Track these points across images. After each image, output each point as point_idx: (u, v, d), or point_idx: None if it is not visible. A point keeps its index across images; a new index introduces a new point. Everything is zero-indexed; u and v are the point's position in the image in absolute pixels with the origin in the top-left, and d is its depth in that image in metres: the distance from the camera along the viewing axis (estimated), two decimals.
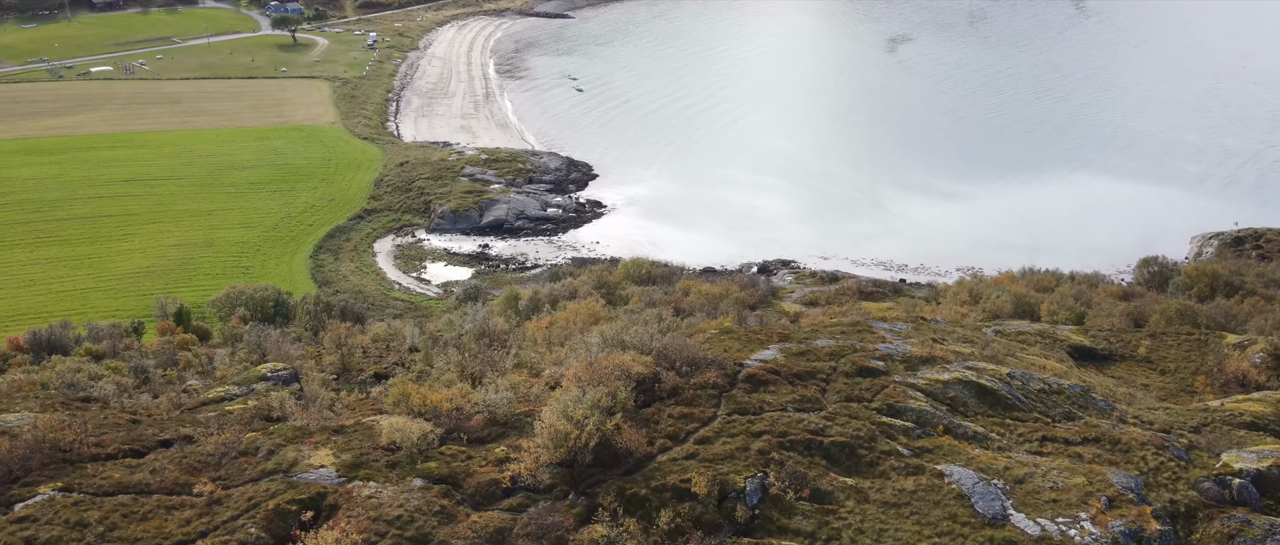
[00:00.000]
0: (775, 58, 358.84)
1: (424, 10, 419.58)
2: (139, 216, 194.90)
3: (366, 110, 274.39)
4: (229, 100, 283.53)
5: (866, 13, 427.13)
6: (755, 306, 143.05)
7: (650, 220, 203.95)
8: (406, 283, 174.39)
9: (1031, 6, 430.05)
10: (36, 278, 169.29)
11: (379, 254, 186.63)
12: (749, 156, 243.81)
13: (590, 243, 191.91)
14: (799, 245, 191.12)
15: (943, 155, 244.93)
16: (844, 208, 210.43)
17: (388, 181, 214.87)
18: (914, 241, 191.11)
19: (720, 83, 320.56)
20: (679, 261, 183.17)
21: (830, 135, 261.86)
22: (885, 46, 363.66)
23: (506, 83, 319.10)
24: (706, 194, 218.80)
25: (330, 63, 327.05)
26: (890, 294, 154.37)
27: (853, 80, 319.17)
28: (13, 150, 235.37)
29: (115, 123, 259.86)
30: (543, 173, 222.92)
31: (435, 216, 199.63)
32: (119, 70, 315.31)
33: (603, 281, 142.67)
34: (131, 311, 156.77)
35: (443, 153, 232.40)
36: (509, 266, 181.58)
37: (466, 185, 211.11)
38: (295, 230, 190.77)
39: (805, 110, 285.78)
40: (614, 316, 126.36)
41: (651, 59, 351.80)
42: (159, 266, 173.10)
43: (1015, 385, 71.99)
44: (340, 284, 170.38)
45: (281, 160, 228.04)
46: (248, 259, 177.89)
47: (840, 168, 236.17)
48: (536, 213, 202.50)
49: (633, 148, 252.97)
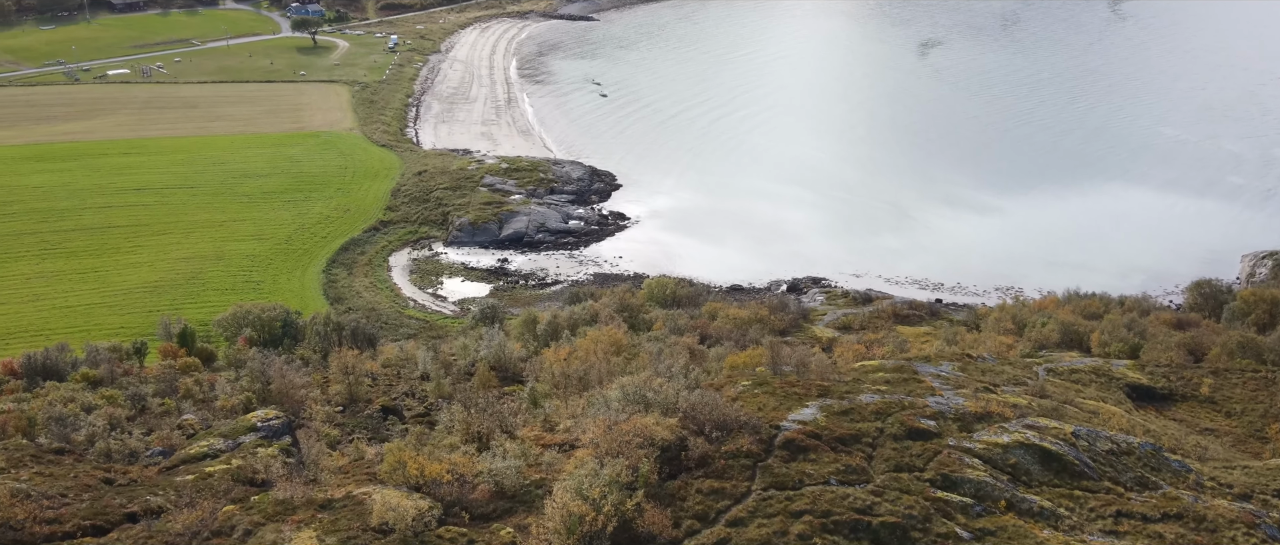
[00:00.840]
0: (802, 61, 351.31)
1: (447, 12, 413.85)
2: (149, 227, 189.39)
3: (385, 116, 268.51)
4: (246, 105, 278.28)
5: (896, 15, 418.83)
6: (786, 331, 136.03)
7: (675, 233, 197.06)
8: (422, 299, 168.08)
9: (1066, 9, 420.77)
10: (41, 292, 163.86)
11: (394, 268, 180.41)
12: (776, 165, 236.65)
13: (613, 257, 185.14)
14: (829, 261, 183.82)
15: (976, 165, 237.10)
16: (875, 221, 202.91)
17: (405, 191, 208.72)
18: (949, 258, 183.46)
19: (745, 87, 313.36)
20: (705, 278, 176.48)
21: (860, 143, 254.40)
22: (916, 50, 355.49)
23: (529, 87, 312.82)
24: (733, 205, 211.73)
25: (350, 66, 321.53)
26: (927, 317, 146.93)
27: (882, 85, 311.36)
28: (24, 156, 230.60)
29: (129, 128, 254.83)
30: (565, 183, 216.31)
31: (453, 229, 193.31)
32: (136, 73, 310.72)
33: (625, 304, 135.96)
34: (136, 329, 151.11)
35: (462, 161, 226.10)
36: (528, 282, 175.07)
37: (486, 196, 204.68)
38: (308, 243, 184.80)
39: (833, 117, 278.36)
40: (636, 345, 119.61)
41: (676, 62, 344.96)
42: (167, 281, 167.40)
43: (1081, 447, 64.76)
44: (353, 301, 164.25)
45: (297, 168, 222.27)
46: (258, 273, 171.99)
47: (871, 178, 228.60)
48: (558, 225, 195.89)
49: (657, 155, 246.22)
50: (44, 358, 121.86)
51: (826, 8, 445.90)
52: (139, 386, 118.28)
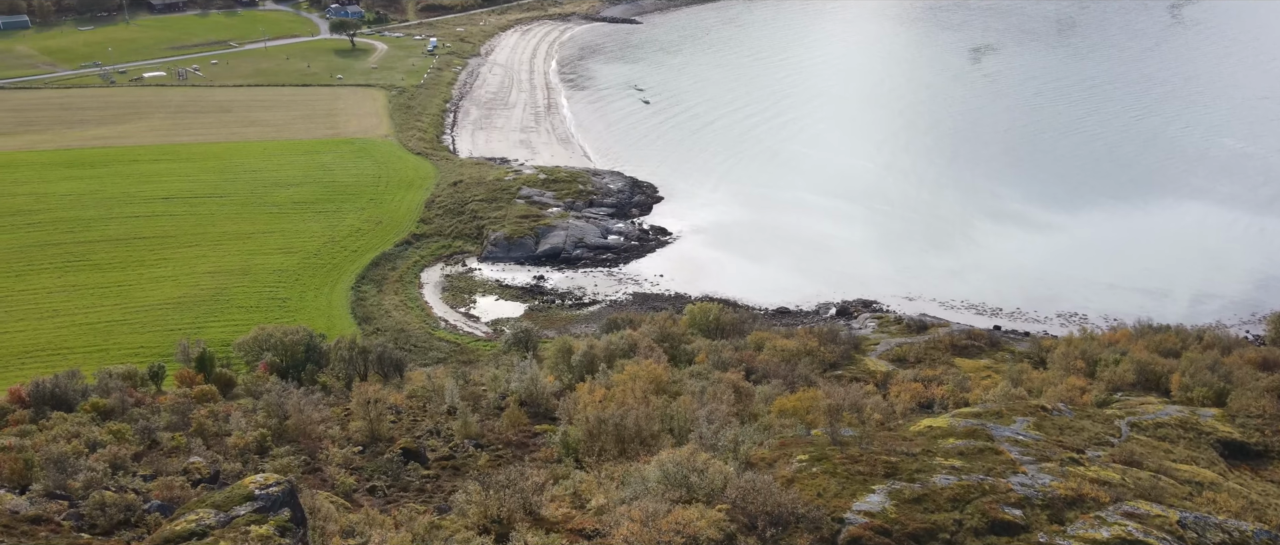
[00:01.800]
0: (848, 65, 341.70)
1: (487, 14, 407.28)
2: (175, 239, 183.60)
3: (422, 122, 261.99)
4: (280, 109, 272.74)
5: (947, 20, 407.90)
6: (836, 364, 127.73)
7: (718, 250, 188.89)
8: (453, 319, 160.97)
9: (1124, 15, 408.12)
10: (61, 307, 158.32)
11: (426, 285, 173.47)
12: (821, 176, 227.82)
13: (653, 276, 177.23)
14: (880, 282, 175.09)
15: (1030, 177, 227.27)
16: (927, 238, 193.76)
17: (439, 203, 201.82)
18: (1005, 280, 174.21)
19: (789, 92, 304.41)
20: (750, 299, 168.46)
21: (910, 154, 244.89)
22: (968, 56, 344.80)
23: (569, 93, 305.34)
24: (777, 219, 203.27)
25: (388, 69, 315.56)
26: (986, 348, 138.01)
27: (933, 93, 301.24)
28: (55, 162, 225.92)
29: (162, 133, 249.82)
30: (604, 195, 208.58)
31: (488, 244, 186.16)
32: (171, 76, 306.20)
33: (666, 333, 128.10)
34: (156, 350, 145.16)
35: (499, 171, 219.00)
36: (565, 302, 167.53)
37: (522, 209, 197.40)
38: (338, 257, 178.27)
39: (882, 125, 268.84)
40: (677, 381, 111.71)
41: (720, 68, 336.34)
42: (190, 297, 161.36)
43: (1190, 540, 56.21)
44: (382, 321, 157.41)
45: (329, 177, 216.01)
46: (285, 289, 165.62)
47: (921, 192, 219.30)
48: (596, 241, 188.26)
49: (699, 164, 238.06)
50: (53, 385, 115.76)
51: (874, 10, 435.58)
52: (150, 418, 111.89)
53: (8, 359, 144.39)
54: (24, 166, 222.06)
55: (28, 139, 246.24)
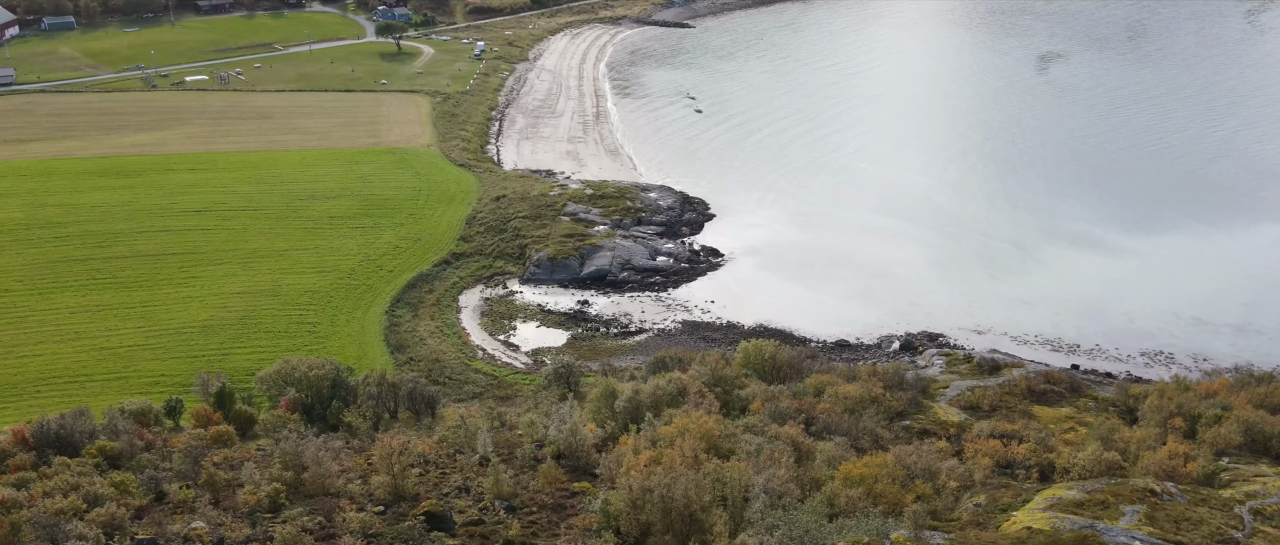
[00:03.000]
0: (908, 73, 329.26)
1: (537, 17, 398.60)
2: (205, 256, 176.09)
3: (466, 131, 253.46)
4: (322, 116, 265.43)
5: (1011, 26, 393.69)
6: (904, 413, 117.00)
7: (772, 273, 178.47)
8: (491, 348, 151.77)
9: (1198, 21, 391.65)
10: (83, 329, 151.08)
11: (464, 309, 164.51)
12: (879, 194, 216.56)
13: (704, 302, 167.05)
14: (945, 312, 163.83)
15: (1106, 196, 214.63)
16: (996, 264, 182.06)
17: (481, 219, 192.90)
18: (1083, 312, 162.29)
19: (847, 101, 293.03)
20: (806, 330, 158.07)
21: (974, 170, 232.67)
22: (1034, 64, 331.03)
23: (619, 100, 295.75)
24: (834, 241, 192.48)
25: (433, 74, 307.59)
26: (1066, 393, 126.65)
27: (997, 102, 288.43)
28: (89, 170, 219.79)
29: (200, 141, 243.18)
30: (653, 212, 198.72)
31: (530, 264, 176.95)
32: (214, 80, 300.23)
33: (718, 376, 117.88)
34: (176, 378, 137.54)
35: (544, 185, 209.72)
36: (610, 330, 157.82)
37: (567, 227, 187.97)
38: (373, 277, 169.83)
39: (942, 137, 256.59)
40: (731, 436, 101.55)
41: (774, 74, 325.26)
42: (217, 320, 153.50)
43: None
44: (416, 349, 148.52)
45: (368, 190, 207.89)
46: (316, 313, 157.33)
47: (988, 211, 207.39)
48: (644, 262, 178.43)
49: (752, 179, 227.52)
50: (58, 426, 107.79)
51: (933, 14, 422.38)
52: (159, 465, 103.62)
53: (23, 387, 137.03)
54: (58, 175, 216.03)
55: (65, 145, 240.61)
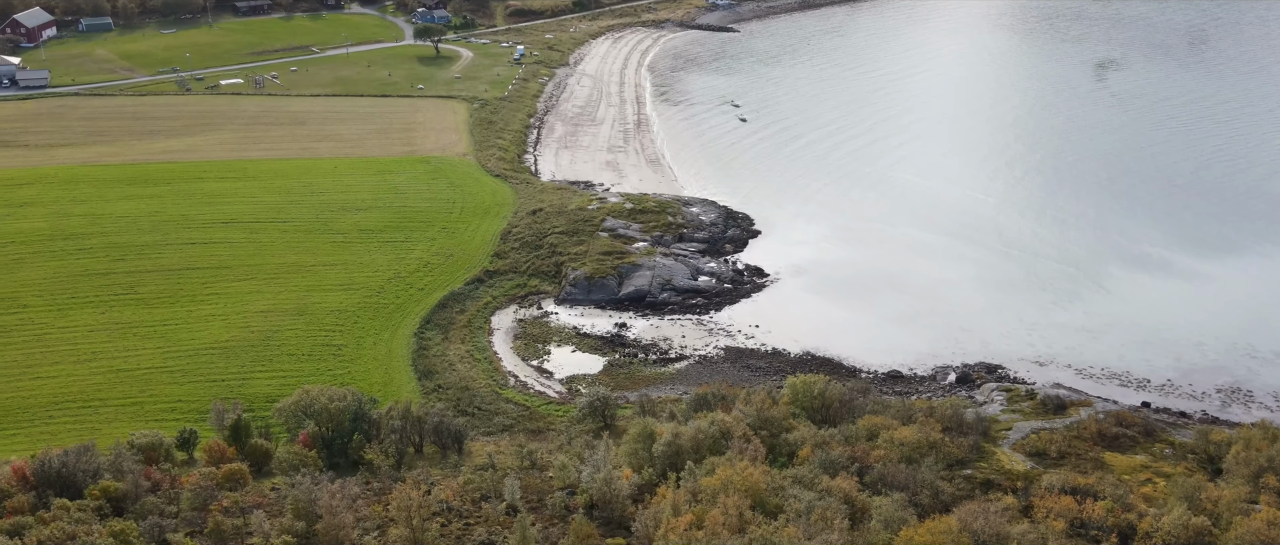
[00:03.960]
0: (958, 81, 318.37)
1: (578, 20, 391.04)
2: (230, 271, 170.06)
3: (503, 139, 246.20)
4: (356, 122, 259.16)
5: (1066, 32, 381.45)
6: (965, 461, 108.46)
7: (820, 296, 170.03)
8: (524, 375, 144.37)
9: (1262, 26, 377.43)
10: (101, 349, 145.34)
11: (496, 331, 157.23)
12: (930, 209, 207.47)
13: (748, 327, 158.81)
14: (1002, 340, 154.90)
15: (1169, 214, 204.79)
16: (1054, 287, 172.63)
17: (516, 235, 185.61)
18: (1150, 342, 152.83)
19: (895, 109, 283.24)
20: (856, 358, 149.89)
21: (1028, 184, 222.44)
22: (1092, 72, 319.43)
23: (661, 107, 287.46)
24: (884, 260, 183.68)
25: (471, 79, 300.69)
26: (1140, 438, 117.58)
27: (1053, 112, 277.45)
28: (118, 178, 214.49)
29: (232, 147, 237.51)
30: (695, 229, 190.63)
31: (567, 283, 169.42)
32: (249, 84, 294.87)
33: (764, 417, 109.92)
34: (193, 404, 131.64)
35: (582, 198, 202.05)
36: (648, 356, 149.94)
37: (606, 243, 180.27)
38: (402, 296, 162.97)
39: (995, 149, 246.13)
40: (779, 491, 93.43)
41: (820, 81, 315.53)
42: (239, 341, 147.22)
43: None
44: (445, 375, 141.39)
45: (401, 201, 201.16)
46: (342, 335, 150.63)
47: (1043, 229, 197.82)
48: (685, 282, 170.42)
49: (798, 192, 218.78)
50: (61, 464, 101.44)
51: (985, 19, 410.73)
52: (164, 510, 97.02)
53: (35, 411, 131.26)
54: (86, 183, 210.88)
55: (95, 151, 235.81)
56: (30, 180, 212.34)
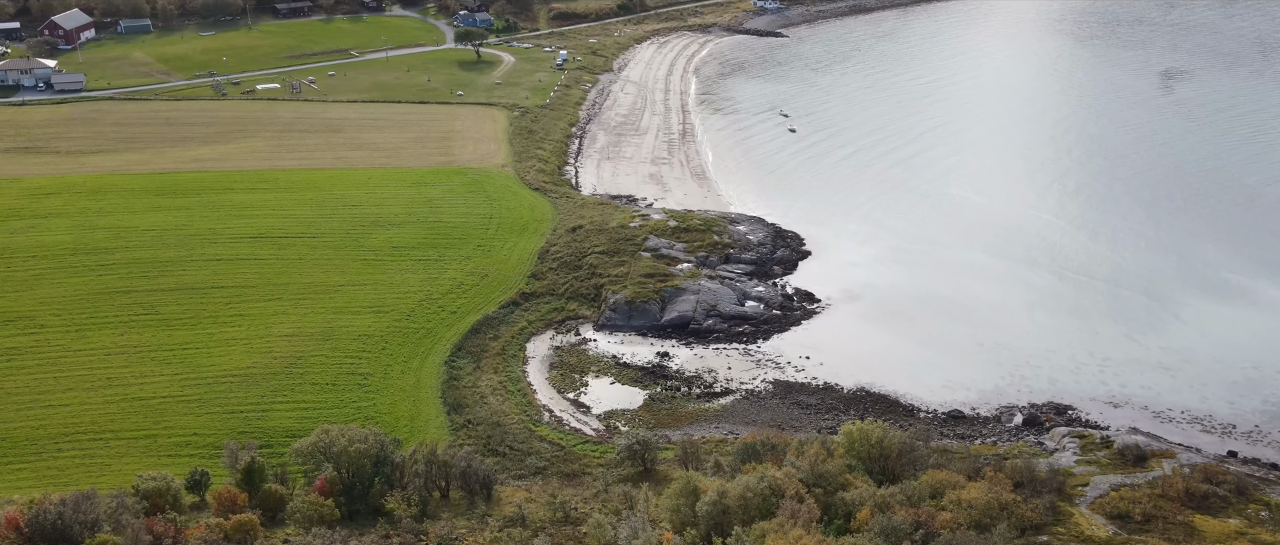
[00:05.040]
0: (1017, 89, 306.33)
1: (623, 24, 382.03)
2: (256, 290, 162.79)
3: (543, 149, 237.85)
4: (393, 130, 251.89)
5: (1127, 38, 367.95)
6: (1040, 526, 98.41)
7: (874, 325, 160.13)
8: (559, 409, 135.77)
9: None
10: (116, 375, 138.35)
11: (531, 360, 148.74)
12: (990, 229, 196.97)
13: (798, 358, 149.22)
14: (1072, 377, 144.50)
15: (1249, 238, 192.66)
16: (1127, 318, 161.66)
17: (554, 254, 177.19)
18: (1235, 382, 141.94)
19: (951, 120, 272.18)
20: (914, 395, 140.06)
21: (1094, 203, 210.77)
22: (1157, 82, 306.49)
23: (707, 117, 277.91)
24: (941, 285, 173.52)
25: (512, 86, 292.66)
26: (1232, 497, 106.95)
27: (1118, 124, 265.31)
28: (146, 188, 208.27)
29: (264, 156, 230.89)
30: (742, 248, 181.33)
31: (606, 308, 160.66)
32: (285, 88, 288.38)
33: (818, 472, 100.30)
34: (209, 437, 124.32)
35: (624, 215, 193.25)
36: (692, 390, 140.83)
37: (648, 265, 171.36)
38: (433, 320, 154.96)
39: (1058, 164, 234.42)
40: None
41: (872, 89, 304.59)
42: (260, 368, 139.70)
43: None
44: (475, 409, 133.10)
45: (435, 216, 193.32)
46: (369, 363, 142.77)
47: (1112, 252, 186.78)
48: (731, 308, 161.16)
49: (849, 209, 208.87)
50: (57, 515, 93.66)
51: (1042, 24, 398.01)
52: None
53: (44, 442, 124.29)
54: (113, 193, 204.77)
55: (125, 158, 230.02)
56: (57, 189, 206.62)
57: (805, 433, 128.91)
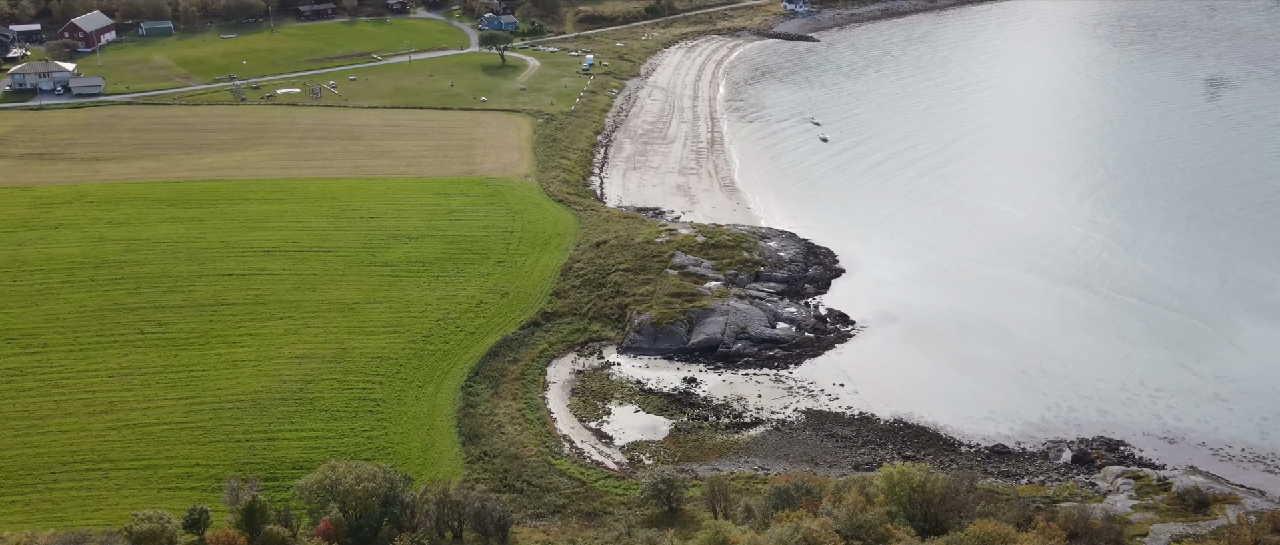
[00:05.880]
0: (1056, 96, 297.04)
1: (651, 27, 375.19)
2: (267, 308, 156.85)
3: (568, 159, 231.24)
4: (414, 138, 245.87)
5: (1167, 43, 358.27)
6: None
7: (910, 348, 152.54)
8: (580, 440, 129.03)
9: None
10: (118, 399, 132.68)
11: (552, 385, 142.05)
12: (1030, 245, 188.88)
13: (832, 386, 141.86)
14: (1122, 408, 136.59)
15: None
16: (1180, 343, 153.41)
17: (577, 271, 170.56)
18: None
19: (988, 128, 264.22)
20: (954, 426, 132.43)
21: (1138, 217, 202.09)
22: (1201, 89, 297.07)
23: (736, 125, 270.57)
24: (982, 306, 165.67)
25: (536, 92, 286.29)
26: None
27: (1160, 133, 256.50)
28: (160, 198, 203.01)
29: (282, 164, 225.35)
30: (774, 266, 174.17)
31: (630, 329, 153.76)
32: (306, 93, 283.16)
33: (856, 523, 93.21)
34: (212, 470, 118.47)
35: (650, 229, 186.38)
36: (720, 419, 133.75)
37: (674, 283, 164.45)
38: (450, 341, 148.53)
39: (1098, 176, 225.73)
40: None
41: (906, 96, 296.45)
42: (268, 393, 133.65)
43: None
44: (492, 440, 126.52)
45: (455, 229, 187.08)
46: (382, 387, 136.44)
47: (1160, 271, 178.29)
48: (762, 330, 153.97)
49: (882, 223, 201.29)
50: None
51: (1080, 29, 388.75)
52: None
53: (40, 472, 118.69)
54: (126, 203, 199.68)
55: (140, 166, 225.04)
56: (70, 198, 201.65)
57: (840, 468, 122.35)
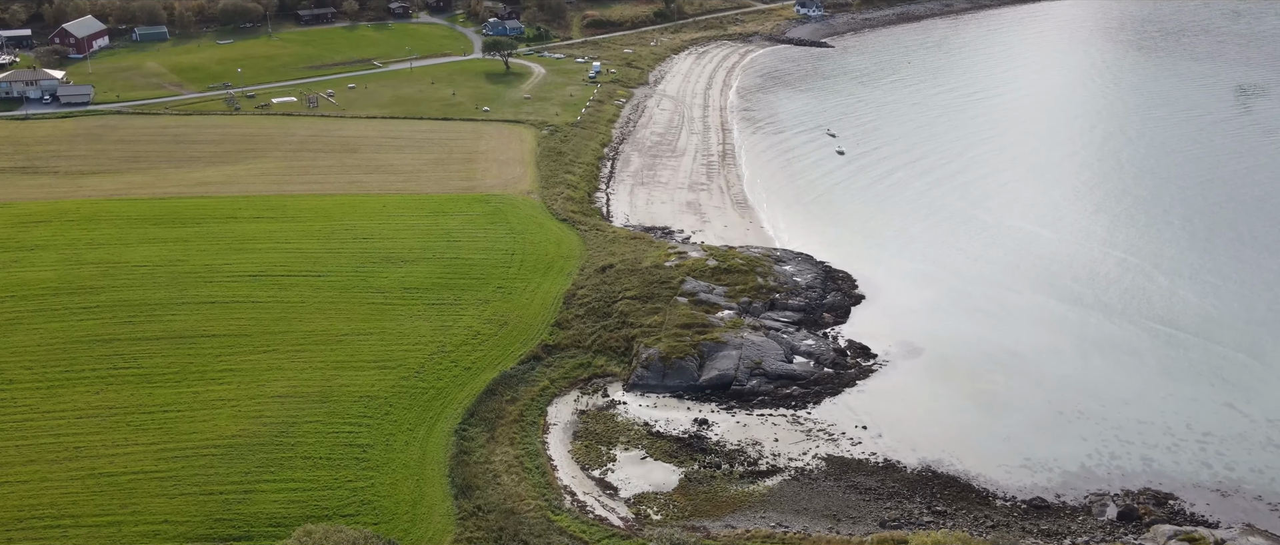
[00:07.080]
0: (1080, 105, 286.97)
1: (660, 32, 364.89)
2: (249, 340, 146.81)
3: (573, 173, 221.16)
4: (412, 150, 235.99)
5: (1191, 49, 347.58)
6: None
7: (937, 385, 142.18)
8: (583, 491, 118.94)
9: None
10: (84, 444, 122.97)
11: (553, 428, 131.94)
12: (1060, 270, 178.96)
13: (854, 429, 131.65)
14: (1169, 455, 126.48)
15: None
16: (1228, 381, 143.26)
17: (581, 298, 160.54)
18: None
19: (1010, 140, 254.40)
20: (987, 476, 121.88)
21: (1171, 237, 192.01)
22: (1231, 98, 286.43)
23: (748, 137, 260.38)
24: (1011, 337, 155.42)
25: (541, 100, 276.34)
26: None
27: (1191, 146, 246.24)
28: (143, 216, 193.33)
29: (274, 179, 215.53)
30: (789, 293, 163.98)
31: (638, 364, 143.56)
32: (302, 102, 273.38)
33: None
34: (182, 526, 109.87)
35: (659, 251, 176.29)
36: (733, 468, 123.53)
37: (685, 313, 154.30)
38: (444, 378, 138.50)
39: (1128, 191, 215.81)
40: None
41: (923, 106, 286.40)
42: (247, 437, 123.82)
43: None
44: (486, 492, 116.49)
45: (453, 251, 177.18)
46: (369, 432, 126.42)
47: (1200, 298, 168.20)
48: (778, 366, 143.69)
49: (904, 245, 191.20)
50: None
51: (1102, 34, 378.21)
52: None
53: None
54: (107, 222, 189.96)
55: (126, 181, 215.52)
56: (48, 217, 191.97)
57: (865, 525, 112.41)
